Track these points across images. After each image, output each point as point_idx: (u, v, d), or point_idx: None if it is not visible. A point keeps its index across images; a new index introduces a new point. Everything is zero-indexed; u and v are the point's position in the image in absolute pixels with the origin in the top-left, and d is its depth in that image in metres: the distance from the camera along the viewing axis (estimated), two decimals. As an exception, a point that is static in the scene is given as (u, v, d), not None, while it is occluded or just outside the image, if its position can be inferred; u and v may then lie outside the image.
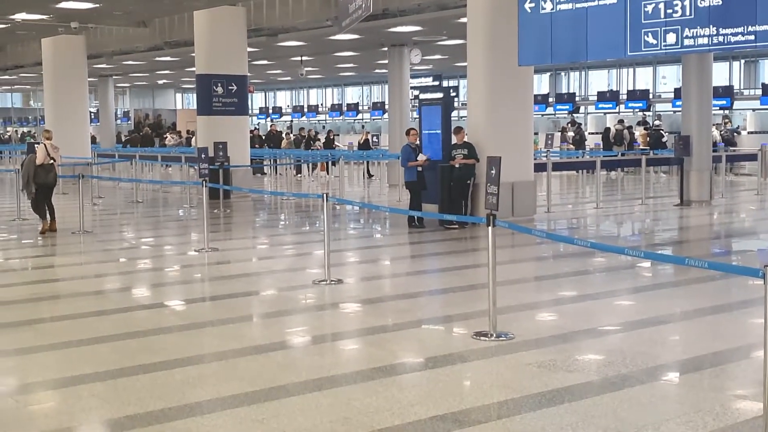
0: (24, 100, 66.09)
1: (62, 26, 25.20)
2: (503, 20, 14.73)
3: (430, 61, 33.79)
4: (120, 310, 8.57)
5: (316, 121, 51.22)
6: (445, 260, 11.88)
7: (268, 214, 18.46)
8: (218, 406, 5.49)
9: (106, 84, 42.77)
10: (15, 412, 5.46)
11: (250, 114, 26.26)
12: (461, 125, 15.08)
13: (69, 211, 17.21)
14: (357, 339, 7.41)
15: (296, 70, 34.84)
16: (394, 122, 26.92)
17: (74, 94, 27.75)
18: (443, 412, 5.34)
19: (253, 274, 10.89)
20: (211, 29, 21.12)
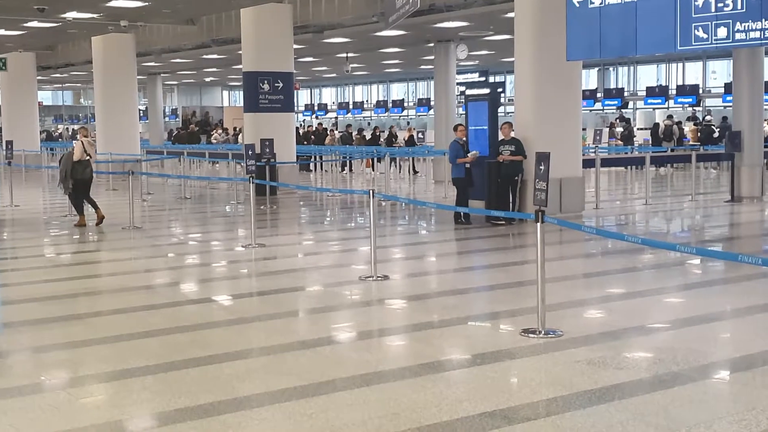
0: (74, 98, 67.14)
1: (112, 25, 25.54)
2: (551, 15, 14.61)
3: (477, 57, 33.65)
4: (169, 304, 8.66)
5: (362, 117, 51.33)
6: (491, 257, 11.82)
7: (314, 210, 18.54)
8: (267, 400, 5.52)
9: (155, 82, 43.27)
10: (68, 405, 5.55)
11: (295, 111, 26.36)
12: (509, 120, 14.99)
13: (119, 207, 17.46)
14: (404, 335, 7.40)
15: (342, 67, 34.92)
16: (440, 118, 26.85)
17: (124, 91, 28.12)
18: (492, 409, 5.32)
19: (299, 269, 10.94)
20: (258, 26, 21.24)
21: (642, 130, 35.03)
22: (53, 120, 62.57)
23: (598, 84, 41.47)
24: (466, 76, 29.95)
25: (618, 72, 41.54)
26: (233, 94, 61.88)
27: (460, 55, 26.70)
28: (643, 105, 39.01)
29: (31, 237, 14.19)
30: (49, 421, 5.19)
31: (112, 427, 5.12)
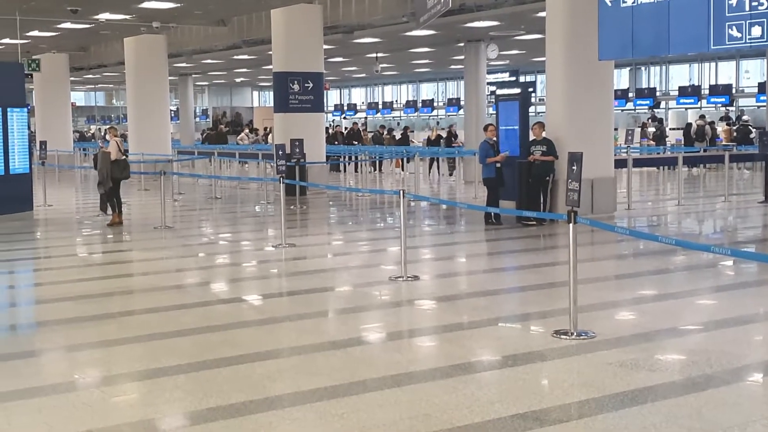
0: (107, 99, 67.76)
1: (144, 26, 25.75)
2: (583, 14, 14.52)
3: (507, 56, 33.53)
4: (200, 304, 8.70)
5: (391, 117, 51.34)
6: (522, 257, 11.77)
7: (344, 210, 18.56)
8: (298, 400, 5.53)
9: (186, 82, 43.56)
10: (101, 403, 5.59)
11: (325, 111, 26.41)
12: (541, 120, 14.92)
13: (151, 206, 17.60)
14: (434, 336, 7.38)
15: (371, 67, 34.96)
16: (470, 118, 26.78)
17: (155, 92, 28.32)
18: (523, 411, 5.29)
19: (329, 269, 10.95)
20: (288, 27, 21.31)
21: (674, 130, 34.72)
22: (86, 121, 63.18)
23: (629, 84, 41.16)
24: (496, 75, 29.85)
25: (650, 71, 41.20)
26: (263, 95, 62.14)
27: (490, 55, 26.62)
28: (676, 105, 38.66)
29: (65, 236, 14.33)
30: (83, 418, 5.23)
31: (145, 425, 5.16)
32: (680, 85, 38.79)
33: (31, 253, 12.87)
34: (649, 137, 31.64)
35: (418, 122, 47.98)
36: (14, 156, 15.86)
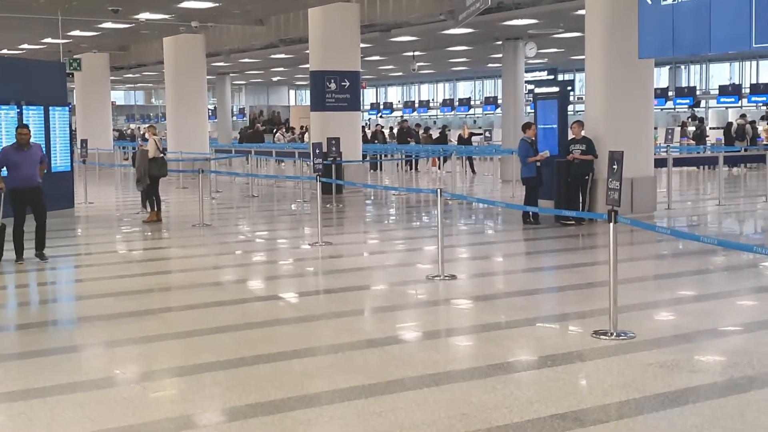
0: (146, 98, 68.42)
1: (183, 25, 25.96)
2: (623, 12, 14.40)
3: (545, 55, 33.34)
4: (238, 301, 8.76)
5: (427, 116, 51.28)
6: (561, 257, 11.69)
7: (380, 209, 18.56)
8: (336, 397, 5.54)
9: (224, 81, 43.87)
10: (141, 399, 5.64)
11: (361, 110, 26.44)
12: (580, 119, 14.81)
13: (189, 204, 17.74)
14: (472, 335, 7.36)
15: (408, 66, 34.91)
16: (508, 117, 26.67)
17: (194, 91, 28.55)
18: (563, 411, 5.25)
19: (366, 268, 10.96)
20: (325, 26, 21.37)
21: (714, 129, 34.30)
22: (125, 119, 63.85)
23: (669, 82, 40.75)
24: (534, 74, 29.71)
25: (690, 70, 40.75)
26: (300, 93, 62.39)
27: (528, 53, 26.48)
28: (716, 104, 38.19)
29: (105, 233, 14.50)
30: (124, 414, 5.29)
31: (185, 420, 5.20)
32: (720, 83, 38.32)
33: (73, 250, 13.02)
34: (689, 136, 31.29)
35: (454, 121, 47.87)
36: (56, 154, 16.06)
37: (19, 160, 10.79)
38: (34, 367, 6.35)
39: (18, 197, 10.80)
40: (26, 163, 10.84)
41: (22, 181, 10.78)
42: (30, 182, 10.83)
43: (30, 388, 5.75)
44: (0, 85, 14.76)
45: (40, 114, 15.59)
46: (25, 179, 10.81)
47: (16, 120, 14.99)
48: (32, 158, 10.92)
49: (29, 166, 10.88)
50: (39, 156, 11.13)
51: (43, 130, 15.67)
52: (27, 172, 10.83)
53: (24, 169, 10.81)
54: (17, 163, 10.79)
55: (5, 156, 10.94)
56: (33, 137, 15.19)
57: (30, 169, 10.87)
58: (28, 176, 10.85)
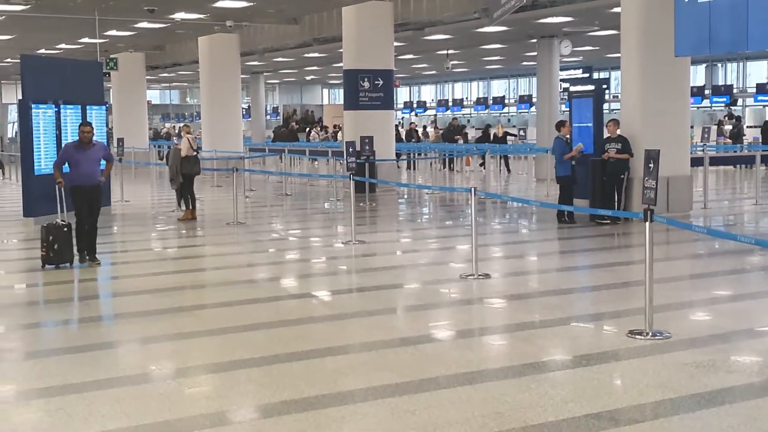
0: (181, 97, 68.94)
1: (218, 25, 26.12)
2: (659, 9, 14.27)
3: (580, 53, 33.13)
4: (272, 298, 8.82)
5: (461, 114, 51.15)
6: (596, 256, 11.61)
7: (414, 207, 18.56)
8: (370, 395, 5.55)
9: (258, 80, 44.08)
10: (177, 395, 5.69)
11: (395, 108, 26.43)
12: (615, 118, 14.69)
13: (223, 202, 17.84)
14: (506, 334, 7.33)
15: (442, 64, 34.86)
16: (543, 115, 26.54)
17: (228, 90, 28.71)
18: (598, 410, 5.22)
19: (399, 266, 10.95)
20: (359, 25, 21.39)
21: (752, 127, 33.87)
22: (160, 118, 64.39)
23: (705, 80, 40.30)
24: (569, 72, 29.54)
25: (727, 68, 40.27)
26: (333, 92, 62.51)
27: (563, 51, 26.32)
28: (753, 102, 37.70)
29: (141, 231, 14.64)
30: (160, 409, 5.33)
31: (219, 417, 5.23)
32: (758, 81, 37.82)
33: (109, 247, 13.14)
34: (726, 135, 30.92)
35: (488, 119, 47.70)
36: (93, 152, 16.20)
37: (80, 157, 10.65)
38: (72, 362, 6.43)
39: (78, 194, 10.67)
40: (87, 161, 10.68)
41: (81, 178, 10.63)
42: (90, 180, 10.67)
43: (68, 384, 5.83)
44: (38, 84, 14.92)
45: (78, 113, 15.75)
46: (85, 177, 10.64)
47: (55, 119, 15.16)
48: (93, 157, 10.76)
49: (89, 164, 10.71)
50: (101, 155, 10.95)
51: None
52: (87, 170, 10.67)
53: (84, 166, 10.64)
54: (78, 160, 10.64)
55: (65, 153, 10.91)
56: (69, 135, 15.56)
57: (90, 167, 10.70)
58: (88, 174, 10.68)
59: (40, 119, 14.75)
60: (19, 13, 22.75)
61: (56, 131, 15.15)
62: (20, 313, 8.43)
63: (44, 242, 10.36)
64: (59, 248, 10.36)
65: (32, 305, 9.11)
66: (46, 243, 10.36)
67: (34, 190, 14.67)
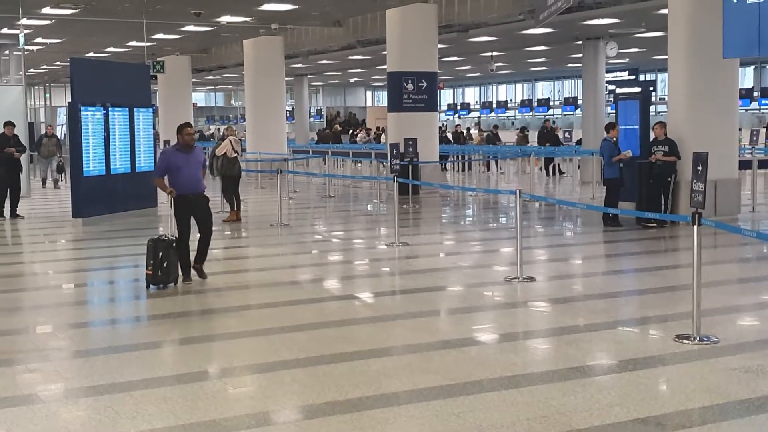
0: (226, 99, 69.53)
1: (263, 28, 26.29)
2: (707, 11, 14.08)
3: (626, 54, 32.81)
4: (315, 300, 8.85)
5: (505, 117, 50.95)
6: (642, 260, 11.48)
7: (457, 209, 18.51)
8: (414, 397, 5.54)
9: (302, 83, 44.29)
10: (222, 394, 5.74)
11: (438, 110, 26.38)
12: (662, 120, 14.53)
13: (267, 204, 17.96)
14: (551, 338, 7.28)
15: (486, 66, 34.73)
16: (588, 118, 26.33)
17: (272, 92, 28.87)
18: (644, 415, 5.17)
19: (443, 269, 10.93)
20: (403, 27, 21.40)
21: (802, 130, 33.27)
22: (206, 121, 64.99)
23: (754, 83, 39.67)
24: (615, 74, 29.27)
25: (776, 70, 39.62)
26: (376, 94, 62.61)
27: (609, 53, 26.08)
28: (804, 104, 37.05)
29: (186, 232, 14.76)
30: (206, 409, 5.38)
31: (265, 417, 5.27)
32: (809, 83, 37.17)
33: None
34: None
35: (533, 122, 47.45)
36: (140, 154, 16.42)
37: (182, 163, 9.45)
38: (120, 361, 6.51)
39: (182, 205, 9.47)
40: (190, 167, 9.50)
41: (186, 187, 9.44)
42: (195, 188, 9.54)
43: (116, 383, 5.90)
44: (87, 87, 15.13)
45: (125, 115, 15.96)
46: (190, 185, 9.47)
47: (103, 121, 15.36)
48: (196, 161, 9.63)
49: (193, 169, 9.54)
50: (202, 159, 9.86)
51: (128, 131, 16.04)
52: (191, 177, 9.49)
53: (187, 173, 9.46)
54: (180, 166, 9.43)
55: (166, 159, 9.66)
56: (117, 137, 15.78)
57: (194, 173, 9.55)
58: (193, 181, 9.52)
59: (89, 121, 14.96)
60: (68, 17, 23.13)
61: (104, 133, 15.36)
62: (70, 312, 8.56)
63: (152, 260, 9.09)
64: (168, 267, 9.22)
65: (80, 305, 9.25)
66: (154, 261, 9.09)
67: (83, 191, 14.90)
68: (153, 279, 9.15)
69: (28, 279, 10.80)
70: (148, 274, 9.14)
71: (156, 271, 9.11)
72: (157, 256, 9.10)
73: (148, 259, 9.10)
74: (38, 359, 6.64)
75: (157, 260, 9.09)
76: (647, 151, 14.14)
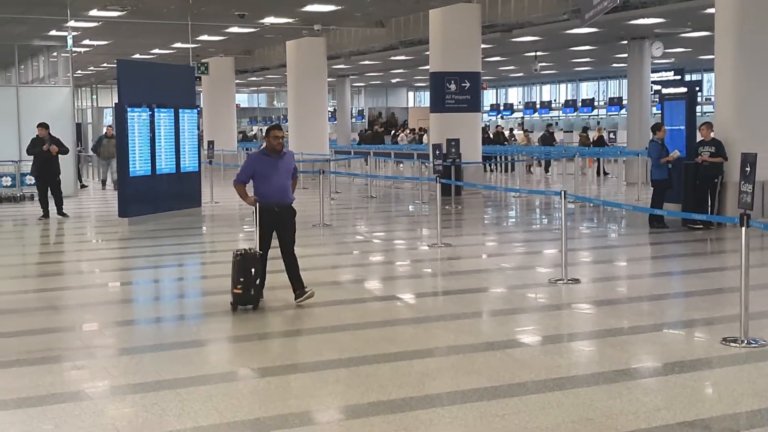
0: (268, 100, 69.96)
1: (306, 29, 26.42)
2: (754, 9, 13.89)
3: (672, 54, 32.43)
4: (358, 300, 8.87)
5: (549, 117, 50.63)
6: (689, 262, 11.33)
7: (500, 210, 18.43)
8: (458, 398, 5.52)
9: (344, 84, 44.40)
10: (267, 392, 5.77)
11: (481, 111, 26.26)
12: (709, 121, 14.34)
13: (309, 204, 18.00)
14: (596, 340, 7.21)
15: (529, 66, 34.57)
16: (633, 118, 26.08)
17: (314, 93, 28.99)
18: (691, 419, 5.10)
19: (486, 270, 10.90)
20: (446, 27, 21.35)
21: None
22: (248, 121, 65.45)
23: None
24: (660, 74, 28.96)
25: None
26: (418, 95, 62.58)
27: (655, 53, 25.79)
28: None
29: (229, 232, 14.88)
30: (251, 407, 5.41)
31: (309, 416, 5.29)
32: None
33: (199, 248, 13.45)
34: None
35: (576, 122, 47.10)
36: (185, 155, 16.57)
37: (270, 170, 8.43)
38: (166, 359, 6.58)
39: (266, 216, 8.46)
40: (279, 174, 8.45)
41: (270, 196, 8.41)
42: (283, 197, 8.48)
43: (162, 380, 5.96)
44: (133, 88, 15.30)
45: (171, 116, 16.12)
46: (277, 193, 8.43)
47: (149, 122, 15.53)
48: (286, 167, 8.53)
49: (282, 177, 8.48)
50: (293, 166, 8.69)
51: (173, 132, 16.20)
52: (280, 185, 8.45)
53: (276, 181, 8.43)
54: (267, 174, 8.42)
55: (252, 164, 8.60)
56: (163, 138, 15.96)
57: (283, 181, 8.48)
58: (281, 190, 8.46)
59: (135, 122, 15.13)
60: (115, 19, 23.43)
61: (150, 134, 15.53)
62: (116, 310, 8.67)
63: (240, 277, 8.07)
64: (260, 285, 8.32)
65: (126, 303, 9.37)
66: (245, 278, 8.07)
67: (129, 191, 15.08)
68: (243, 299, 8.11)
69: (73, 277, 10.95)
70: (236, 294, 8.11)
71: (246, 290, 8.07)
72: (249, 272, 8.07)
73: (236, 275, 8.06)
74: (85, 356, 6.73)
75: (248, 278, 8.05)
76: (693, 152, 13.96)
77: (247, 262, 8.08)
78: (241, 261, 8.07)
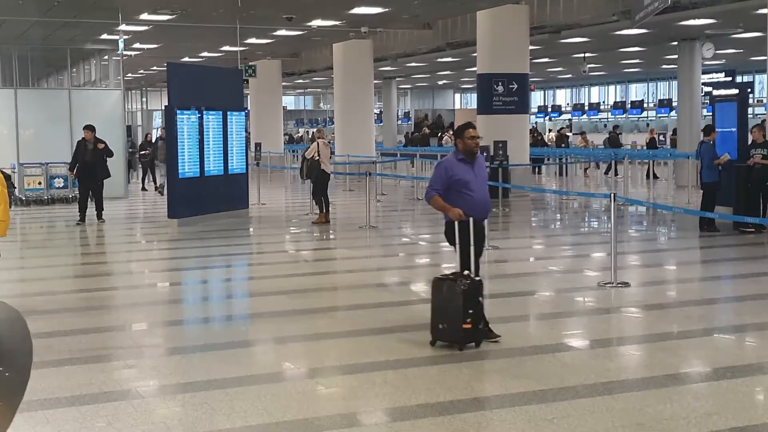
0: (315, 103, 70.30)
1: (353, 31, 26.49)
2: (810, 8, 13.61)
3: (723, 56, 31.94)
4: (403, 302, 8.87)
5: (597, 119, 50.17)
6: (740, 266, 11.15)
7: (548, 213, 18.30)
8: (507, 402, 5.49)
9: (390, 86, 44.44)
10: (315, 394, 5.80)
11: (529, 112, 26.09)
12: (761, 122, 14.09)
13: (356, 206, 18.07)
14: (646, 344, 7.13)
15: (578, 67, 34.26)
16: (684, 120, 25.72)
17: (361, 95, 29.05)
18: (743, 424, 5.02)
19: (533, 273, 10.83)
20: (494, 28, 21.26)
21: None
22: (294, 124, 65.80)
23: None
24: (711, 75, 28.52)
25: None
26: (465, 97, 62.39)
27: (705, 54, 25.41)
28: None
29: (276, 233, 14.99)
30: (299, 408, 5.44)
31: (356, 417, 5.30)
32: None
33: (246, 249, 13.56)
34: None
35: (626, 124, 46.58)
36: (233, 157, 16.72)
37: (470, 177, 7.09)
38: (215, 359, 6.64)
39: (466, 233, 6.99)
40: (478, 182, 7.15)
41: (474, 208, 7.04)
42: (484, 212, 7.29)
43: (211, 379, 6.01)
44: (182, 91, 15.47)
45: (219, 119, 16.27)
46: (479, 207, 7.11)
47: (198, 124, 15.68)
48: (482, 174, 7.28)
49: (482, 186, 7.21)
50: (486, 172, 7.59)
51: (221, 134, 16.35)
52: (482, 197, 7.17)
53: (478, 191, 7.11)
54: (467, 181, 7.05)
55: (445, 171, 7.11)
56: (212, 140, 16.11)
57: (485, 192, 7.24)
58: (484, 201, 7.22)
59: (184, 124, 15.30)
60: (165, 23, 23.72)
61: (198, 136, 15.69)
62: (166, 310, 8.78)
63: (470, 309, 6.64)
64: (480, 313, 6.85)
65: (175, 303, 9.47)
66: (474, 310, 6.68)
67: (178, 193, 15.24)
68: (474, 335, 6.75)
69: (124, 277, 11.10)
70: (466, 329, 6.67)
71: (476, 323, 6.73)
72: (476, 302, 6.72)
73: (465, 308, 6.63)
74: (136, 355, 6.82)
75: (477, 309, 6.74)
76: (745, 154, 13.74)
77: (475, 290, 6.72)
78: (463, 293, 6.63)
